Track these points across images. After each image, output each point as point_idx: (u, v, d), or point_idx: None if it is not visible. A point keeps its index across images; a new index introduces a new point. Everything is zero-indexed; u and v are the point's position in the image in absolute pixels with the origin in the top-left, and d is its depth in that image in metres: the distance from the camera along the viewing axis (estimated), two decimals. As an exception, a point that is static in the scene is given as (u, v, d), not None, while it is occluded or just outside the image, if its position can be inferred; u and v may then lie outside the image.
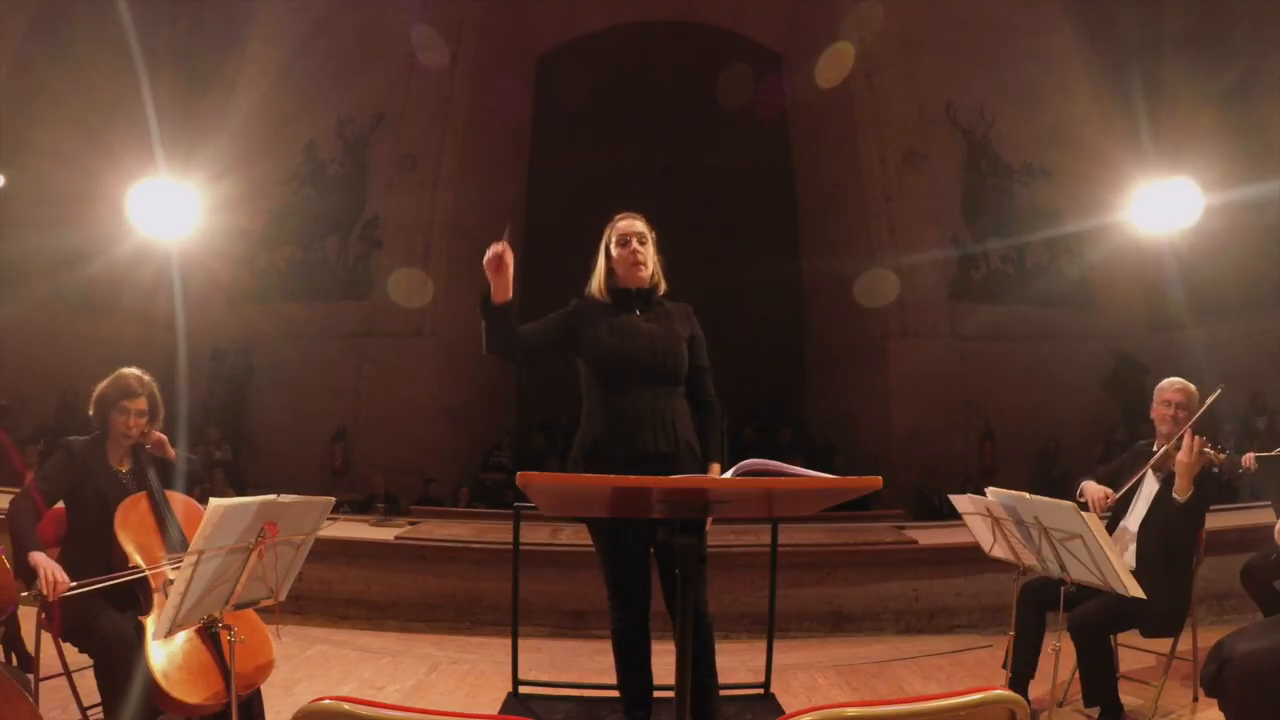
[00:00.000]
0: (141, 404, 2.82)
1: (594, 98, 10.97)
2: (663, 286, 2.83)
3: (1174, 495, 3.09)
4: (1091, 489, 3.28)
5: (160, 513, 2.75)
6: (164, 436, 2.92)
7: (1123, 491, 3.26)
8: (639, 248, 2.75)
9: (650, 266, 2.78)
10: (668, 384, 2.70)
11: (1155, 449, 3.29)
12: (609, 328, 2.70)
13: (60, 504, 2.78)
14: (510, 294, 2.57)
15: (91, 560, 2.64)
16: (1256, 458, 3.67)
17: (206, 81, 9.82)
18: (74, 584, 2.50)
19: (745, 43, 11.24)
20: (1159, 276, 9.44)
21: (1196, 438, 3.07)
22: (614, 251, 2.78)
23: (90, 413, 2.83)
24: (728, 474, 1.79)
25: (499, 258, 2.47)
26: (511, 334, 2.65)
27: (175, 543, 2.71)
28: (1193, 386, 3.28)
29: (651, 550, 2.70)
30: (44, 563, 2.52)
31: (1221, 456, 3.08)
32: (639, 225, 2.80)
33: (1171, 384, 3.31)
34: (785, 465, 1.75)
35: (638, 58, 11.11)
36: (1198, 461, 3.05)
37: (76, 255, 8.43)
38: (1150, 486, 3.24)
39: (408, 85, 10.00)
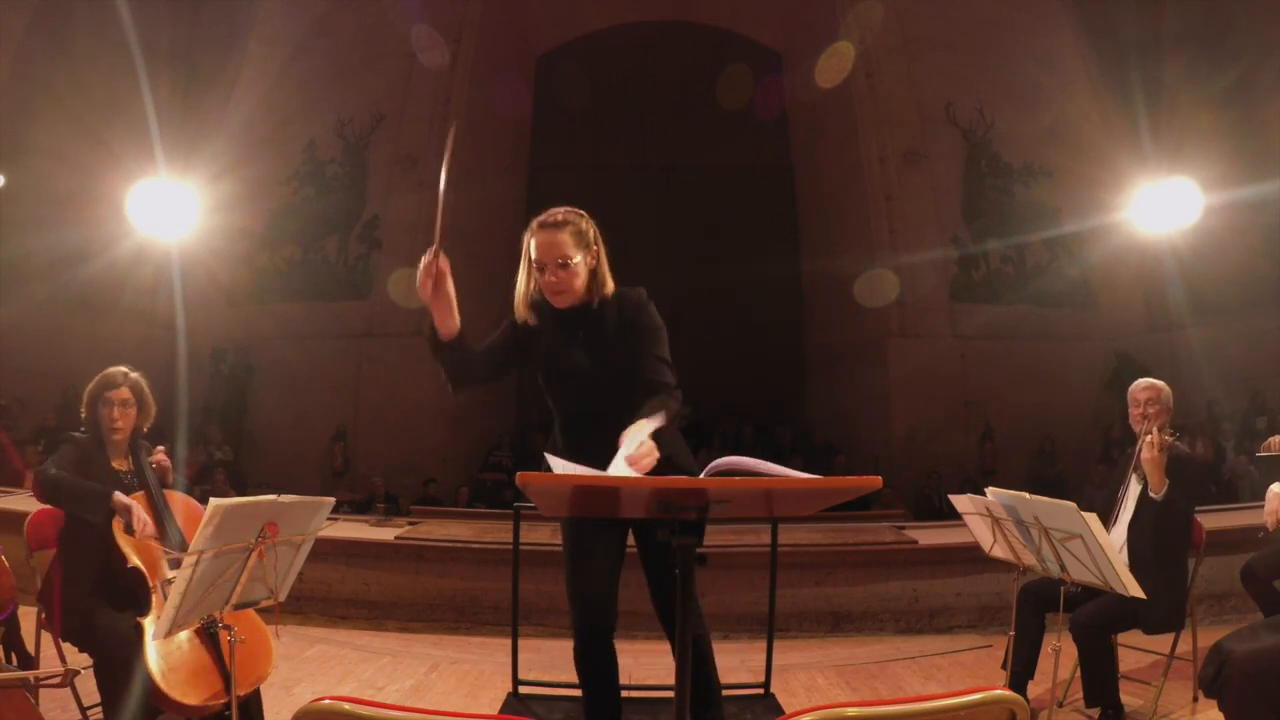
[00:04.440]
0: (124, 394, 2.80)
1: (594, 98, 10.97)
2: (608, 287, 2.39)
3: (1150, 494, 3.13)
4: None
5: (159, 512, 2.75)
6: (168, 462, 2.93)
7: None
8: (557, 276, 2.30)
9: (578, 287, 2.34)
10: (617, 416, 2.20)
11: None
12: (548, 358, 2.43)
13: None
14: (456, 323, 2.23)
15: (90, 559, 2.64)
16: (1257, 457, 3.68)
17: (206, 81, 9.82)
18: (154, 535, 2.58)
19: (745, 42, 11.23)
20: (1159, 276, 9.44)
21: (1156, 433, 3.10)
22: (536, 275, 2.37)
23: (83, 415, 2.83)
24: (704, 473, 1.77)
25: (430, 272, 2.14)
26: (472, 373, 2.35)
27: (174, 542, 2.71)
28: (1160, 383, 3.30)
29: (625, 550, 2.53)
30: (135, 504, 2.59)
31: (1169, 440, 3.10)
32: (559, 243, 2.29)
33: (1139, 384, 3.35)
34: (761, 463, 1.71)
35: (638, 58, 11.11)
36: (1161, 456, 3.07)
37: (76, 255, 8.43)
38: (1134, 488, 3.28)
39: (408, 85, 9.99)
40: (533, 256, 2.35)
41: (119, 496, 2.60)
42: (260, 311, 9.87)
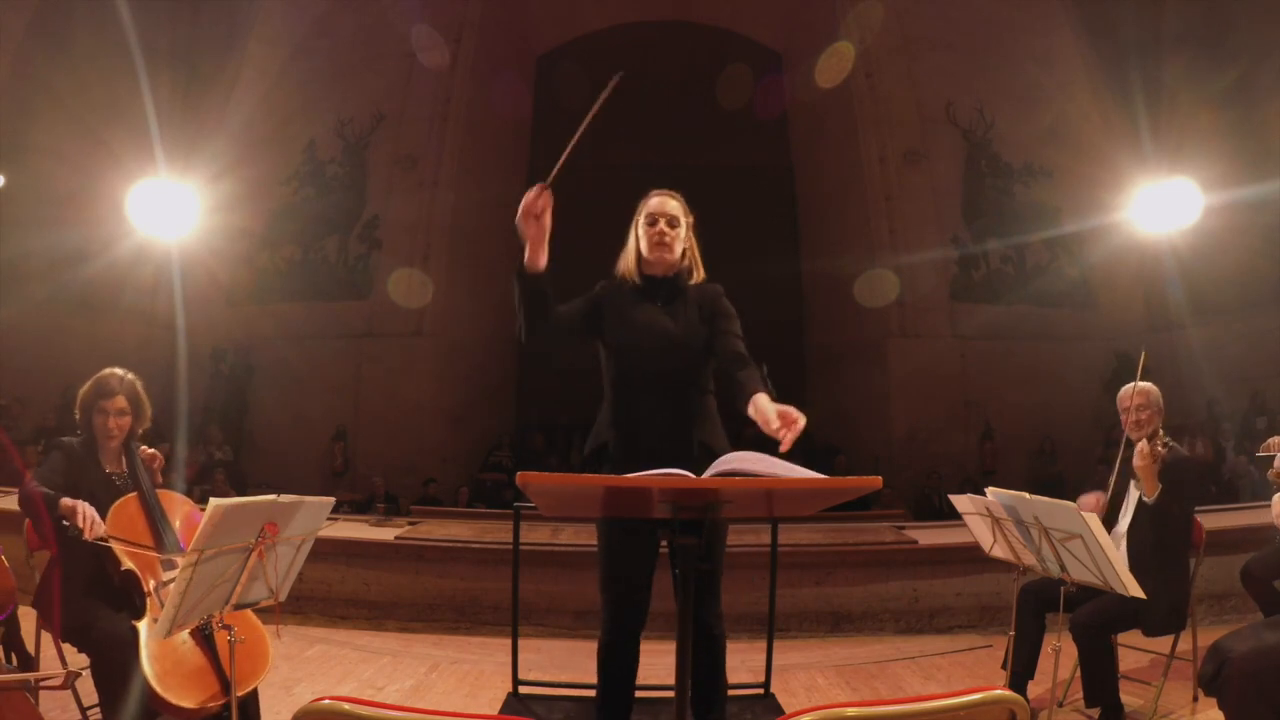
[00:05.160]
0: (120, 402, 2.79)
1: (594, 98, 10.97)
2: (697, 274, 2.67)
3: (1143, 498, 3.14)
4: (1085, 500, 3.31)
5: (152, 514, 2.74)
6: (161, 460, 2.92)
7: (1110, 493, 3.34)
8: (666, 229, 2.60)
9: (678, 251, 2.62)
10: (684, 385, 2.53)
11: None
12: (626, 319, 2.55)
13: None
14: (546, 259, 2.38)
15: (85, 562, 2.63)
16: (1257, 457, 3.68)
17: (206, 81, 9.82)
18: (105, 535, 2.53)
19: (745, 42, 11.22)
20: (1159, 276, 9.43)
21: (1145, 443, 3.10)
22: (641, 230, 2.62)
23: (77, 417, 2.83)
24: (707, 473, 1.77)
25: (534, 205, 2.30)
26: (549, 314, 2.44)
27: (169, 544, 2.70)
28: (1149, 386, 3.28)
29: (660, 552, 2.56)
30: (80, 504, 2.54)
31: (1162, 449, 3.10)
32: (671, 205, 2.64)
33: (1126, 391, 3.32)
34: (768, 459, 1.72)
35: (638, 58, 11.09)
36: (1151, 463, 3.07)
37: (76, 255, 8.43)
38: (1133, 492, 3.29)
39: (408, 85, 9.99)
40: (642, 218, 2.63)
41: (65, 501, 2.55)
42: (260, 311, 9.87)
